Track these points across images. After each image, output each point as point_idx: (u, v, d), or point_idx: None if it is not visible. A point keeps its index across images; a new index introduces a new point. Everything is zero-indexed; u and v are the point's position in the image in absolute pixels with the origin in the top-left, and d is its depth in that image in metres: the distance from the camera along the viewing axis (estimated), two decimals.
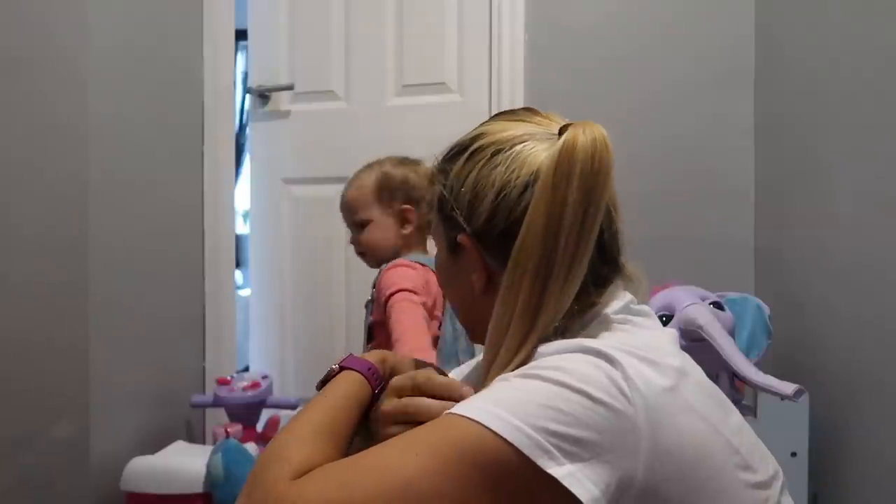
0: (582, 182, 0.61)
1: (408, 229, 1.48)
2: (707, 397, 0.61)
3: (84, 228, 1.56)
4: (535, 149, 0.65)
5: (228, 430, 1.58)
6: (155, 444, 1.72)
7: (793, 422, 1.39)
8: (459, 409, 0.57)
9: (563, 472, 0.53)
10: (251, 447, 1.56)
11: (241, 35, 2.33)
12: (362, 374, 0.70)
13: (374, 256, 1.49)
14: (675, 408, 0.57)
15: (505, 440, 0.53)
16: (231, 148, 2.12)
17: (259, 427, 1.81)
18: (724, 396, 0.65)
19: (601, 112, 2.09)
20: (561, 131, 0.64)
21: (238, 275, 2.98)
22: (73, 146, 1.55)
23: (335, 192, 2.24)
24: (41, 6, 1.55)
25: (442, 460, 0.54)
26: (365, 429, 0.69)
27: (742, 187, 1.94)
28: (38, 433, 1.56)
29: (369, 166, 1.54)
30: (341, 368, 0.71)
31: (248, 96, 2.33)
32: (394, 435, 0.60)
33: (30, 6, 1.55)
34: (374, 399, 0.70)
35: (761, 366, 1.43)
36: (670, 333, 0.69)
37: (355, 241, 1.51)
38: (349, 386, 0.69)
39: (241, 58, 5.10)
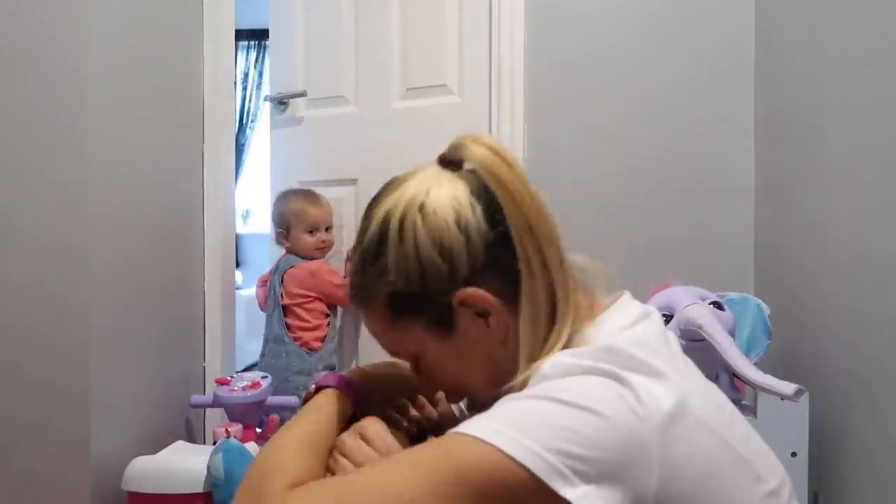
0: (521, 174, 0.65)
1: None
2: (715, 408, 0.61)
3: (84, 228, 1.56)
4: (441, 179, 0.67)
5: (228, 430, 1.58)
6: (155, 444, 1.72)
7: (793, 422, 1.39)
8: (466, 427, 0.56)
9: (578, 493, 0.52)
10: (251, 447, 1.56)
11: (241, 35, 2.33)
12: (338, 388, 0.75)
13: None
14: (685, 424, 0.56)
15: (516, 461, 0.52)
16: (231, 148, 2.12)
17: (259, 427, 1.81)
18: (730, 405, 0.64)
19: (601, 112, 2.11)
20: (442, 160, 0.68)
21: (238, 275, 2.98)
22: (73, 146, 1.55)
23: (345, 193, 2.28)
24: (40, 5, 1.55)
25: (439, 479, 0.53)
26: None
27: (742, 187, 1.94)
28: (38, 433, 1.56)
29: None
30: (317, 389, 0.76)
31: (267, 103, 2.38)
32: (335, 467, 0.64)
33: (28, 5, 1.55)
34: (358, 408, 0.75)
35: (761, 366, 1.43)
36: (671, 336, 0.68)
37: None
38: (328, 404, 0.73)
39: (241, 57, 5.13)
